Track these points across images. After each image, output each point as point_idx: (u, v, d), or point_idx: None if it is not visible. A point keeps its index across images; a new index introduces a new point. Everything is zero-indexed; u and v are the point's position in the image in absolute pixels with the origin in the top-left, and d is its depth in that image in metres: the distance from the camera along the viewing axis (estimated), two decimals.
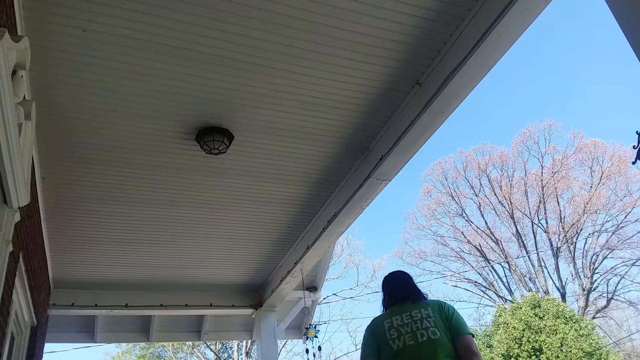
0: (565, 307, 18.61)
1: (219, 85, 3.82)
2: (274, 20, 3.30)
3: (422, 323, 3.24)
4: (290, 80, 3.85)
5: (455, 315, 3.33)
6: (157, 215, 5.60)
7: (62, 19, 3.13)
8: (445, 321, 3.26)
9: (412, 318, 3.29)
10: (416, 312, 3.32)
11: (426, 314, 3.29)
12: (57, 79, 3.61)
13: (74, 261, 6.50)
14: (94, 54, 3.41)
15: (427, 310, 3.32)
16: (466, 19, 3.38)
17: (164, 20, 3.22)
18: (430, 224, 31.00)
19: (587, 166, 27.41)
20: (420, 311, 3.32)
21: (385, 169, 4.53)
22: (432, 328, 3.20)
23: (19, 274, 4.32)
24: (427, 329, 3.20)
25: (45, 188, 4.84)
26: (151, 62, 3.54)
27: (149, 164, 4.68)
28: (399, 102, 4.17)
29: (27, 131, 3.31)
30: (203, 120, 4.16)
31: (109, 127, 4.15)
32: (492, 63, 3.42)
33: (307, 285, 7.79)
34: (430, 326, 3.21)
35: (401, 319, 3.32)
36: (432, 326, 3.21)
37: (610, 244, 26.49)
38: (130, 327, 8.40)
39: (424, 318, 3.26)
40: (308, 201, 5.64)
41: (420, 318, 3.27)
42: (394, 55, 3.70)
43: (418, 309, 3.34)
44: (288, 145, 4.60)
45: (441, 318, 3.27)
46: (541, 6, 3.00)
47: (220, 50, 3.50)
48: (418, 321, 3.26)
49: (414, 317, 3.29)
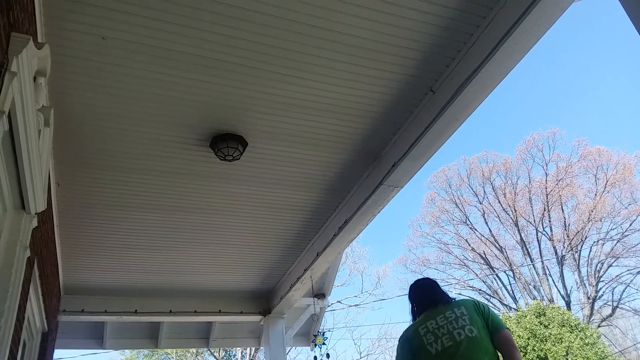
0: (571, 315, 18.51)
1: (234, 92, 3.85)
2: (289, 28, 3.34)
3: (458, 322, 3.24)
4: (305, 87, 3.87)
5: (492, 312, 3.35)
6: (168, 221, 5.62)
7: (81, 27, 3.17)
8: (482, 319, 3.27)
9: (446, 319, 3.29)
10: (450, 312, 3.32)
11: (460, 312, 3.30)
12: (73, 86, 3.64)
13: (85, 267, 6.52)
14: (111, 60, 3.45)
15: (460, 310, 3.32)
16: (481, 26, 3.40)
17: (181, 28, 3.25)
18: (434, 232, 30.99)
19: (592, 174, 27.39)
20: (454, 311, 3.32)
21: (397, 175, 4.55)
22: (468, 326, 3.20)
23: (33, 280, 4.34)
24: (463, 327, 3.20)
25: (59, 194, 4.86)
26: (167, 69, 3.57)
27: (163, 170, 4.70)
28: (412, 110, 4.19)
29: (46, 137, 3.35)
30: (217, 126, 4.19)
31: (124, 134, 4.18)
32: (506, 71, 3.44)
33: (316, 292, 7.79)
34: (467, 324, 3.21)
35: (436, 323, 3.31)
36: (468, 324, 3.21)
37: (615, 252, 26.40)
38: (139, 334, 8.41)
39: (458, 317, 3.26)
40: (319, 207, 5.65)
41: (455, 318, 3.27)
42: (408, 63, 3.72)
43: (451, 309, 3.35)
44: (301, 151, 4.63)
45: (478, 315, 3.28)
46: (557, 14, 3.02)
47: (236, 58, 3.53)
48: (453, 321, 3.25)
49: (449, 318, 3.28)
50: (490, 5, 3.28)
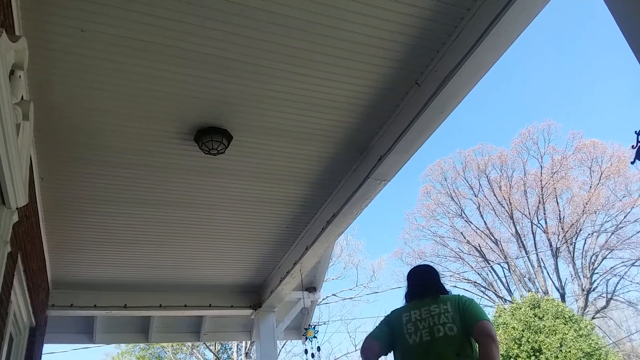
0: (565, 307, 18.61)
1: (218, 86, 3.82)
2: (272, 21, 3.30)
3: (440, 318, 3.21)
4: (289, 80, 3.84)
5: (472, 305, 3.28)
6: (155, 215, 5.59)
7: (60, 19, 3.13)
8: (460, 314, 3.21)
9: (430, 313, 3.27)
10: (435, 306, 3.29)
11: (444, 309, 3.26)
12: (55, 79, 3.60)
13: (73, 262, 6.49)
14: (93, 54, 3.41)
15: (445, 305, 3.28)
16: (465, 18, 3.37)
17: (163, 21, 3.21)
18: (430, 225, 31.05)
19: (587, 166, 27.44)
20: (439, 306, 3.29)
21: (385, 169, 4.53)
22: (449, 324, 3.17)
23: (18, 275, 4.31)
24: (444, 324, 3.18)
25: (43, 189, 4.82)
26: (150, 63, 3.53)
27: (147, 164, 4.67)
28: (398, 103, 4.16)
29: (25, 131, 3.30)
30: (201, 120, 4.15)
31: (108, 128, 4.14)
32: (491, 63, 3.42)
33: (307, 286, 7.78)
34: (448, 322, 3.18)
35: (419, 314, 3.30)
36: (449, 322, 3.18)
37: (609, 244, 26.51)
38: (129, 328, 8.38)
39: (441, 313, 3.24)
40: (307, 201, 5.63)
41: (438, 313, 3.24)
42: (392, 56, 3.69)
43: (437, 303, 3.31)
44: (287, 145, 4.60)
45: (458, 312, 3.23)
46: (540, 5, 3.00)
47: (219, 51, 3.50)
48: (436, 316, 3.23)
49: (432, 312, 3.26)
50: None
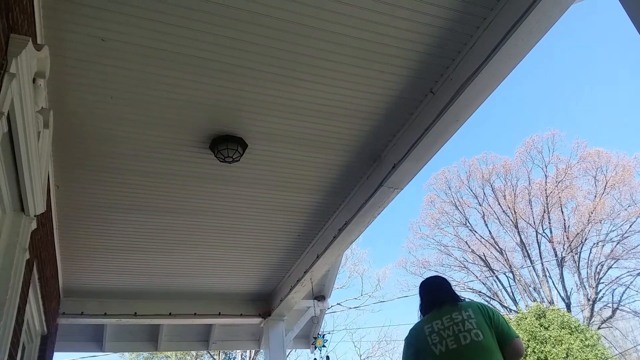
0: (571, 317, 18.51)
1: (234, 94, 3.84)
2: (288, 30, 3.33)
3: (464, 325, 3.20)
4: (304, 89, 3.87)
5: (502, 319, 3.31)
6: (167, 223, 5.60)
7: (81, 28, 3.16)
8: (489, 324, 3.22)
9: (453, 321, 3.26)
10: (457, 314, 3.29)
11: (467, 315, 3.26)
12: (73, 87, 3.64)
13: (84, 269, 6.50)
14: (110, 62, 3.44)
15: (467, 312, 3.28)
16: (481, 27, 3.40)
17: (180, 30, 3.25)
18: (434, 234, 30.97)
19: (591, 175, 27.39)
20: (461, 313, 3.29)
21: (398, 177, 4.54)
22: (474, 330, 3.17)
23: (32, 283, 4.32)
24: (469, 331, 3.17)
25: (58, 196, 4.85)
26: (167, 71, 3.57)
27: (162, 172, 4.69)
28: (412, 111, 4.18)
29: (45, 139, 3.34)
30: (217, 128, 4.18)
31: (123, 135, 4.17)
32: (507, 72, 3.44)
33: (316, 294, 7.78)
34: (473, 328, 3.18)
35: (442, 323, 3.29)
36: (474, 328, 3.18)
37: (615, 254, 26.39)
38: (139, 336, 8.40)
39: (465, 320, 3.23)
40: (319, 209, 5.64)
41: (461, 320, 3.24)
42: (408, 64, 3.72)
43: (458, 311, 3.31)
44: (301, 153, 4.62)
45: (484, 320, 3.24)
46: (557, 15, 3.02)
47: (236, 60, 3.53)
48: (460, 323, 3.22)
49: (455, 320, 3.26)
50: (490, 7, 3.27)
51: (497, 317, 3.32)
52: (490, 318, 3.29)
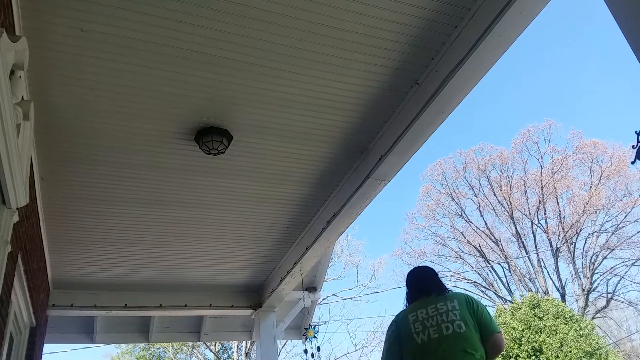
0: (565, 307, 18.56)
1: (218, 86, 3.82)
2: (272, 21, 3.30)
3: (448, 316, 3.21)
4: (289, 80, 3.84)
5: (485, 313, 3.31)
6: (156, 215, 5.59)
7: (60, 19, 3.13)
8: (472, 316, 3.23)
9: (437, 310, 3.27)
10: (442, 304, 3.29)
11: (452, 306, 3.27)
12: (55, 79, 3.60)
13: (73, 262, 6.49)
14: (93, 54, 3.41)
15: (452, 303, 3.29)
16: (465, 18, 3.37)
17: (163, 21, 3.21)
18: (430, 225, 30.99)
19: (587, 166, 27.40)
20: (446, 304, 3.29)
21: (385, 169, 4.53)
22: (457, 321, 3.17)
23: (18, 275, 4.31)
24: (452, 322, 3.18)
25: (44, 189, 4.83)
26: (150, 63, 3.53)
27: (148, 165, 4.67)
28: (398, 103, 4.16)
29: (26, 131, 3.30)
30: (202, 120, 4.15)
31: (108, 128, 4.14)
32: (491, 63, 3.42)
33: (307, 286, 7.78)
34: (456, 319, 3.18)
35: (426, 312, 3.30)
36: (457, 319, 3.18)
37: (609, 244, 26.47)
38: (130, 328, 8.41)
39: (449, 311, 3.24)
40: (307, 201, 5.63)
41: (445, 311, 3.24)
42: (393, 56, 3.69)
43: (444, 301, 3.32)
44: (287, 145, 4.60)
45: (468, 312, 3.25)
46: (540, 6, 3.00)
47: (219, 51, 3.50)
48: (444, 314, 3.23)
49: (439, 310, 3.26)
50: None
51: (481, 310, 3.32)
52: (475, 310, 3.29)
